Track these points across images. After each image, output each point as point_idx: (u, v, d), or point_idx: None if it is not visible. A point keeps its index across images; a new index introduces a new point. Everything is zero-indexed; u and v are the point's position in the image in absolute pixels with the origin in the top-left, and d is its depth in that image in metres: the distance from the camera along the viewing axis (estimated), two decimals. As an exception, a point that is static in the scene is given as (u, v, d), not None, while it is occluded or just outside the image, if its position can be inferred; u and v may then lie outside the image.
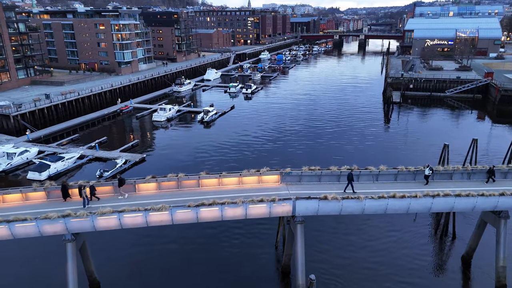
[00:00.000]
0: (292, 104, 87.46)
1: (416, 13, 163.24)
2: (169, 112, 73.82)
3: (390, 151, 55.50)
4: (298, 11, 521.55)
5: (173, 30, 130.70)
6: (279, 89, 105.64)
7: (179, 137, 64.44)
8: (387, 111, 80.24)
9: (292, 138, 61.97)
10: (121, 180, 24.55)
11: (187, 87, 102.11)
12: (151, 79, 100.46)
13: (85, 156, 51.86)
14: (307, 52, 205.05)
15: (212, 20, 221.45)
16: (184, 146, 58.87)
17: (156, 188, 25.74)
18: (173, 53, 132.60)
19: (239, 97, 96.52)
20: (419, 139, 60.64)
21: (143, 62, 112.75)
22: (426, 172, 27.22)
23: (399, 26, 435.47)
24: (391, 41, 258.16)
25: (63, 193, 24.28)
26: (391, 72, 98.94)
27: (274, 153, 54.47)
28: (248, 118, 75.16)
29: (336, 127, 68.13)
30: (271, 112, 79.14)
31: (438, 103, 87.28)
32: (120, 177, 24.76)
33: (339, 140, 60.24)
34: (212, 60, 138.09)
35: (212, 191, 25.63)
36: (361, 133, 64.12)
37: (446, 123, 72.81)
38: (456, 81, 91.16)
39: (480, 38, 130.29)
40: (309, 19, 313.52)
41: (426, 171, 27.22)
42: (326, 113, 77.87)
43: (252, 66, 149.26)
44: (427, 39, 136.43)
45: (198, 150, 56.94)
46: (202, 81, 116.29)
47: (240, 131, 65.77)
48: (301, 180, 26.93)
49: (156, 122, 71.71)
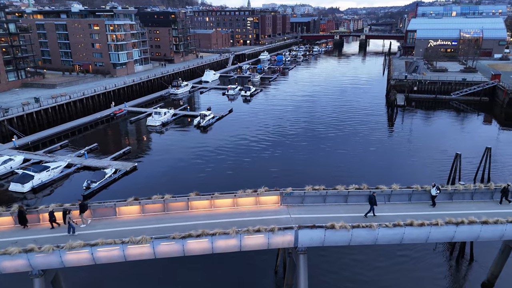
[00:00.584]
0: (292, 106, 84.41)
1: (418, 13, 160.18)
2: (164, 116, 70.73)
3: (397, 159, 52.44)
4: (298, 11, 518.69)
5: (170, 31, 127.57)
6: (279, 91, 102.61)
7: (174, 143, 61.32)
8: (391, 114, 77.19)
9: (292, 144, 58.90)
10: (83, 206, 21.73)
11: (184, 89, 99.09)
12: (147, 81, 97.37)
13: (73, 164, 48.75)
14: (307, 52, 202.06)
15: (211, 20, 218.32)
16: (178, 152, 55.81)
17: (140, 211, 22.67)
18: (170, 54, 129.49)
19: (237, 99, 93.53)
20: (427, 146, 57.52)
21: (139, 64, 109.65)
22: (433, 192, 24.20)
23: (399, 26, 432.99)
24: (392, 41, 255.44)
25: (20, 220, 21.41)
26: (395, 73, 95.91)
27: (273, 161, 51.42)
28: (246, 122, 72.11)
29: (339, 132, 65.09)
30: (271, 116, 76.09)
31: (444, 106, 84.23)
32: (82, 202, 21.93)
33: (343, 146, 57.15)
34: (210, 61, 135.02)
35: (203, 215, 22.58)
36: (365, 138, 61.04)
37: (454, 128, 69.79)
38: (462, 83, 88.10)
39: (484, 39, 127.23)
40: (309, 19, 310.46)
41: (433, 191, 24.21)
42: (328, 117, 74.80)
43: (251, 67, 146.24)
44: (430, 40, 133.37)
45: (194, 157, 53.91)
46: (200, 82, 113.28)
47: (238, 137, 62.70)
48: (303, 201, 23.88)
49: (151, 127, 68.64)
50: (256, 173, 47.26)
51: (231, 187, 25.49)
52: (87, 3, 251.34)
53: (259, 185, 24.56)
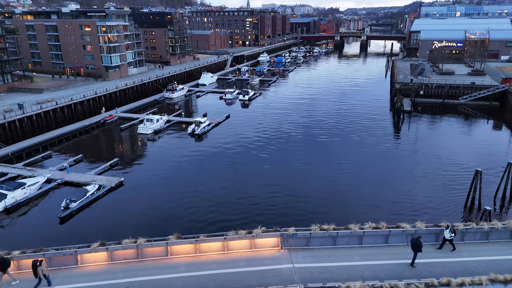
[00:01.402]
0: (293, 112, 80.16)
1: (421, 13, 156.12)
2: (157, 123, 66.46)
3: (408, 176, 48.04)
4: (298, 12, 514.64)
5: (166, 32, 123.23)
6: (279, 95, 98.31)
7: (166, 153, 56.94)
8: (397, 121, 72.89)
9: (293, 155, 54.63)
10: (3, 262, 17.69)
11: (180, 93, 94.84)
12: (140, 84, 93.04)
13: (53, 180, 44.41)
14: (308, 53, 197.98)
15: (210, 20, 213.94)
16: (170, 164, 51.51)
17: (107, 259, 18.41)
18: (166, 56, 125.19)
19: (235, 104, 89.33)
20: (438, 158, 53.13)
21: (133, 66, 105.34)
22: (447, 235, 19.89)
23: (400, 26, 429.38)
24: (394, 42, 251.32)
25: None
26: (400, 77, 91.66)
27: (272, 177, 47.00)
28: (244, 129, 67.87)
29: (343, 141, 60.84)
30: (270, 122, 71.84)
31: (452, 111, 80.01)
32: (3, 257, 17.95)
33: (349, 159, 52.75)
34: (208, 63, 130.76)
35: (185, 264, 18.35)
36: (373, 150, 56.68)
37: (465, 137, 65.53)
38: (470, 87, 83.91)
39: (491, 40, 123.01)
40: (309, 20, 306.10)
41: (447, 234, 19.91)
42: (331, 124, 70.48)
43: (250, 69, 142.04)
44: (435, 41, 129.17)
45: (185, 169, 49.67)
46: (197, 85, 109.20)
47: (235, 146, 58.45)
48: (309, 243, 19.63)
49: (142, 135, 64.38)
50: (252, 193, 42.74)
51: (223, 210, 21.20)
52: (85, 3, 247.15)
53: (254, 211, 20.35)
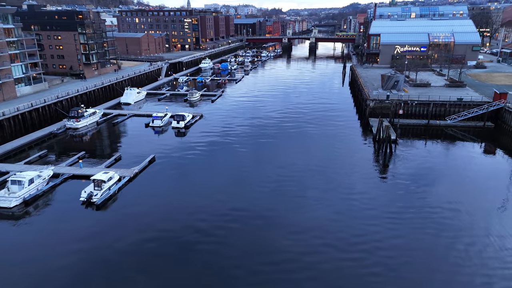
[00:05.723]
0: (243, 142, 59.47)
1: (376, 14, 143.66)
2: (26, 188, 41.92)
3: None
4: (242, 12, 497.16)
5: (77, 36, 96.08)
6: (224, 116, 76.46)
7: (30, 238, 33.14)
8: (381, 155, 54.89)
9: (240, 217, 33.70)
10: None
11: (89, 120, 69.84)
12: (29, 111, 66.30)
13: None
14: (255, 58, 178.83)
15: (142, 21, 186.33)
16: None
17: None
18: (78, 67, 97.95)
19: (167, 132, 66.77)
20: (441, 211, 35.19)
21: (24, 84, 77.70)
22: None
23: (343, 27, 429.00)
24: (342, 44, 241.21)
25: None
26: (373, 93, 74.38)
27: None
28: (173, 179, 45.93)
29: (322, 192, 40.91)
30: (212, 160, 50.44)
31: (439, 135, 63.97)
32: None
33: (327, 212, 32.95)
34: (135, 74, 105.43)
35: None
36: (359, 207, 37.37)
37: (466, 173, 48.36)
38: (457, 105, 68.75)
39: (456, 44, 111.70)
40: (254, 21, 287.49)
41: None
42: (293, 159, 50.40)
43: (190, 80, 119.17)
44: (397, 45, 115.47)
45: None
46: (118, 105, 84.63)
47: (155, 214, 36.13)
48: None
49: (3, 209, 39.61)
50: None
51: None
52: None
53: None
